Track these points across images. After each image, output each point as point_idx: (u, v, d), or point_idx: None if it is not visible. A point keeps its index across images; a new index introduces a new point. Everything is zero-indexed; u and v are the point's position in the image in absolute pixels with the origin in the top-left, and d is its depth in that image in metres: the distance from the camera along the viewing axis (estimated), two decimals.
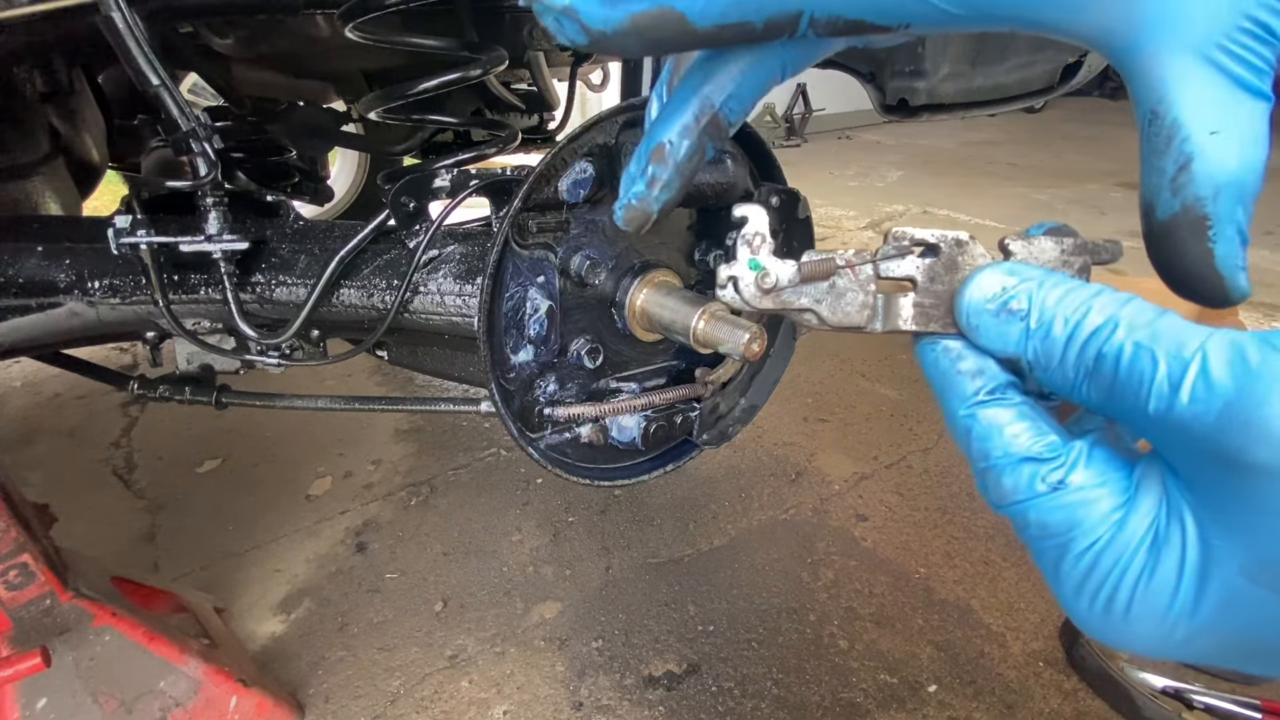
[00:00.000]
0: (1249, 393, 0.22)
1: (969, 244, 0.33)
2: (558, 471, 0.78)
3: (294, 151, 1.64)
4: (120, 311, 0.90)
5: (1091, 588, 0.27)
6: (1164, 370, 0.24)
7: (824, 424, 2.02)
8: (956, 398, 0.30)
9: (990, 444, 0.29)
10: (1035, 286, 0.29)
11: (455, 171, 0.81)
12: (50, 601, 0.94)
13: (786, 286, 0.33)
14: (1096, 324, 0.27)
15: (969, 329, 0.31)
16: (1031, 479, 0.28)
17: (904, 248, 0.33)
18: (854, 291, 0.34)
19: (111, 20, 0.71)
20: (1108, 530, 0.26)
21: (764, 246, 0.33)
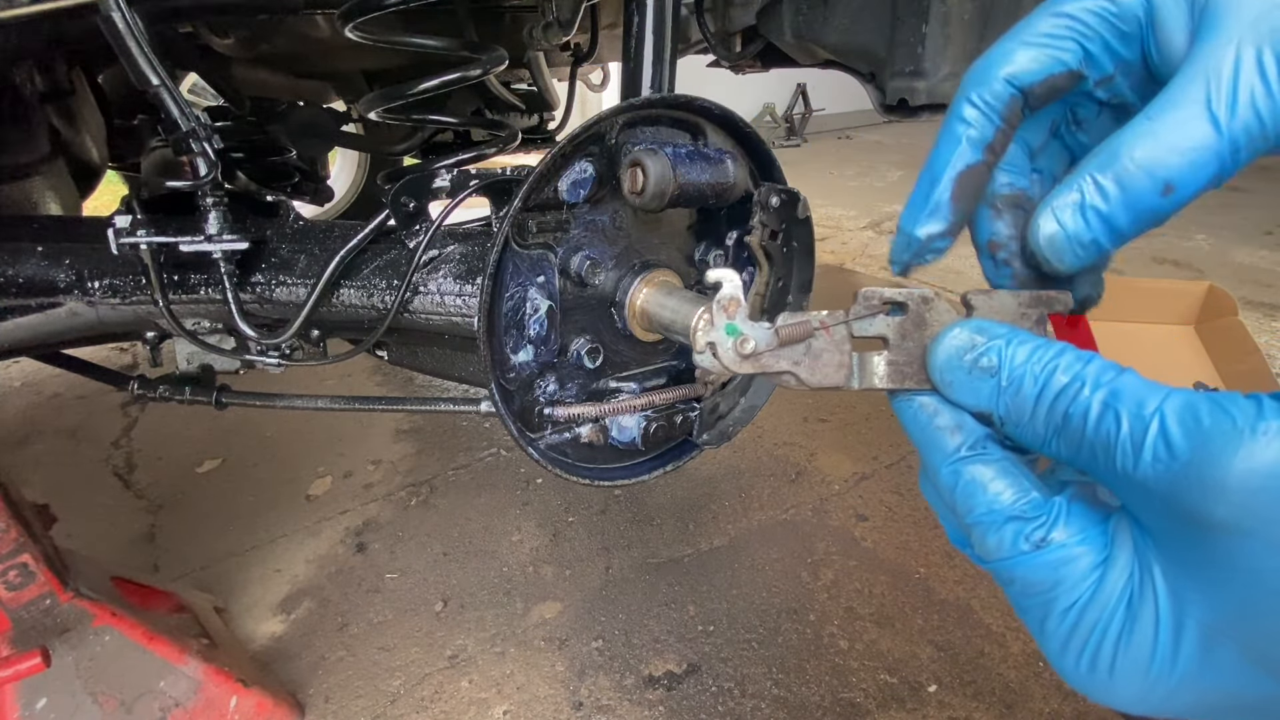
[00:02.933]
0: (1203, 453, 0.23)
1: (934, 300, 0.34)
2: (558, 471, 0.78)
3: (294, 151, 1.64)
4: (120, 311, 0.90)
5: (1076, 646, 0.27)
6: (1126, 429, 0.25)
7: (824, 424, 2.02)
8: (938, 453, 0.31)
9: (974, 500, 0.30)
10: (1004, 344, 0.29)
11: (455, 171, 0.81)
12: (50, 601, 0.94)
13: (765, 350, 0.34)
14: (1063, 383, 0.27)
15: (942, 385, 0.31)
16: (1016, 537, 0.28)
17: (874, 307, 0.34)
18: (830, 352, 0.35)
19: (111, 20, 0.71)
20: (1088, 588, 0.27)
21: (740, 311, 0.34)
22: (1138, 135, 0.27)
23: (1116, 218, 0.28)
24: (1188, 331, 2.13)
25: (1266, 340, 2.49)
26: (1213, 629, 0.24)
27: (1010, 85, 0.30)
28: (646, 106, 0.74)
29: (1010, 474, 0.30)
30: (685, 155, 0.70)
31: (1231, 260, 3.29)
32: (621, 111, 0.71)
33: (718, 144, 0.79)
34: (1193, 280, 2.43)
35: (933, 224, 0.32)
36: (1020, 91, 0.30)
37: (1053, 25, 0.30)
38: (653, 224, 0.81)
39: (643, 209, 0.71)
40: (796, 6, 1.17)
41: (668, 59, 0.96)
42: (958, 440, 0.31)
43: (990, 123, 0.31)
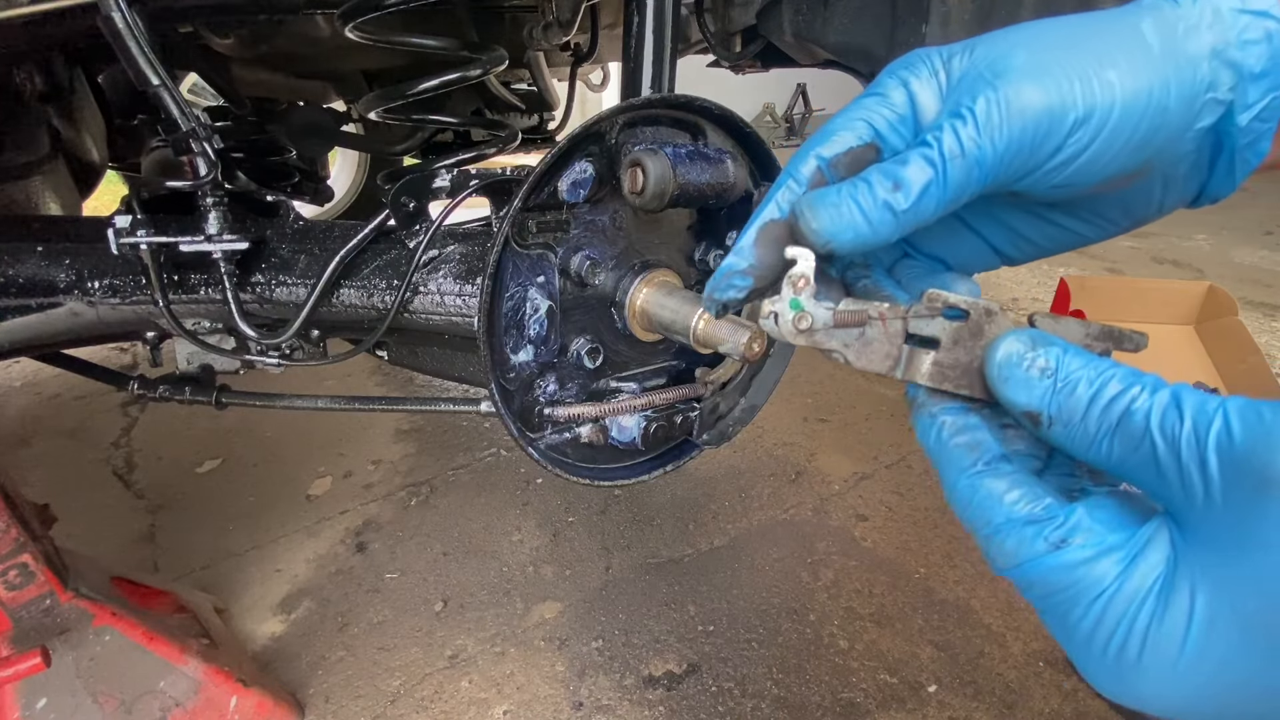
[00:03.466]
0: (1265, 435, 0.25)
1: (998, 315, 0.35)
2: (558, 471, 0.78)
3: (294, 151, 1.64)
4: (120, 311, 0.90)
5: (1102, 637, 0.28)
6: (1189, 425, 0.27)
7: (824, 424, 2.03)
8: (955, 468, 0.33)
9: (991, 510, 0.31)
10: (1061, 352, 0.32)
11: (455, 171, 0.81)
12: (50, 601, 0.94)
13: (820, 329, 0.36)
14: (1118, 389, 0.29)
15: (999, 380, 0.33)
16: (1034, 539, 0.30)
17: (935, 309, 0.35)
18: (881, 342, 0.36)
19: (111, 20, 0.71)
20: (1115, 579, 0.28)
21: (807, 290, 0.36)
22: (887, 161, 0.34)
23: (863, 200, 0.33)
24: (1188, 331, 2.13)
25: (1266, 340, 2.49)
26: (1250, 621, 0.25)
27: (820, 159, 0.36)
28: (646, 106, 0.74)
29: (1025, 484, 0.31)
30: (685, 155, 0.70)
31: (1231, 260, 3.29)
32: (621, 111, 0.71)
33: (718, 144, 0.79)
34: (1193, 280, 2.44)
35: (733, 260, 0.38)
36: (828, 164, 0.36)
37: (852, 113, 0.37)
38: (653, 224, 0.81)
39: (643, 209, 0.71)
40: (796, 6, 1.17)
41: (668, 59, 0.96)
42: (974, 455, 0.33)
43: (799, 188, 0.37)
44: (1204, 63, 0.33)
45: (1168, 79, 0.32)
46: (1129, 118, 0.32)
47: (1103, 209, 0.39)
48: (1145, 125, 0.33)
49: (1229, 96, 0.33)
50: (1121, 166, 0.34)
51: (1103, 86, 0.32)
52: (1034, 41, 0.34)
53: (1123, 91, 0.32)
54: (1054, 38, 0.34)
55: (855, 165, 0.36)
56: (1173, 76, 0.32)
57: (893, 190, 0.33)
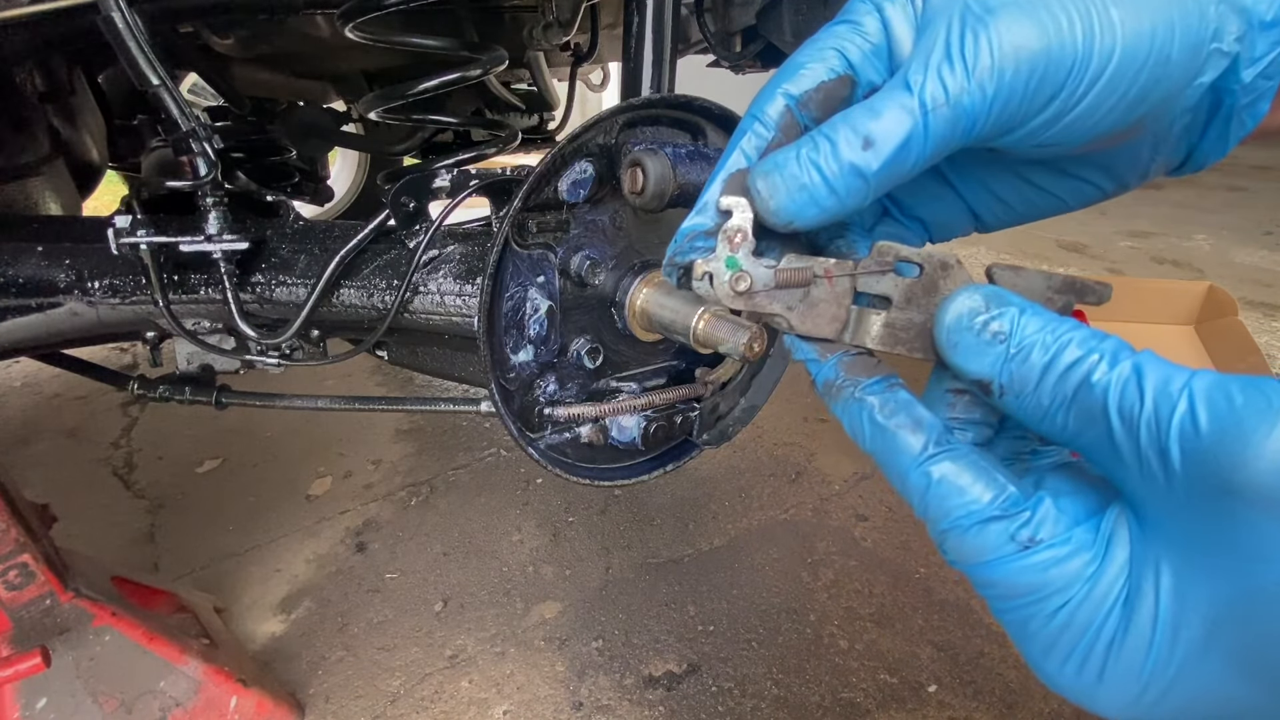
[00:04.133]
0: (1236, 430, 0.22)
1: (954, 268, 0.32)
2: (558, 472, 0.78)
3: (294, 151, 1.64)
4: (120, 311, 0.90)
5: (1063, 649, 0.27)
6: (1151, 405, 0.24)
7: (824, 424, 2.02)
8: (903, 456, 0.30)
9: (951, 503, 0.28)
10: (1017, 313, 0.29)
11: (455, 171, 0.81)
12: (50, 601, 0.94)
13: (760, 290, 0.32)
14: (1076, 356, 0.27)
15: (947, 345, 0.30)
16: (1000, 537, 0.27)
17: (886, 264, 0.32)
18: (827, 302, 0.33)
19: (111, 20, 0.71)
20: (1081, 588, 0.26)
21: (744, 245, 0.32)
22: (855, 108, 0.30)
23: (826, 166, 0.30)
24: (1188, 331, 2.13)
25: (1266, 340, 2.49)
26: (1213, 625, 0.24)
27: (787, 97, 0.32)
28: (646, 106, 0.74)
29: (982, 469, 0.29)
30: (685, 155, 0.70)
31: (1231, 260, 3.29)
32: (621, 111, 0.71)
33: (718, 144, 0.79)
34: (1193, 280, 2.44)
35: (696, 219, 0.33)
36: (797, 103, 0.32)
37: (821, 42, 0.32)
38: (653, 224, 0.81)
39: (643, 209, 0.71)
40: (796, 6, 1.17)
41: (668, 59, 0.96)
42: (920, 438, 0.29)
43: (767, 132, 0.32)
44: (1211, 6, 0.29)
45: (1173, 22, 0.29)
46: (1129, 65, 0.29)
47: (1086, 171, 0.36)
48: (1145, 76, 0.29)
49: (1235, 48, 0.30)
50: (1115, 122, 0.30)
51: (1104, 27, 0.28)
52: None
53: (1124, 34, 0.28)
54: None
55: (828, 103, 0.32)
56: (1178, 20, 0.29)
57: (862, 149, 0.29)
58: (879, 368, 0.32)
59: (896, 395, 0.31)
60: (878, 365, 0.32)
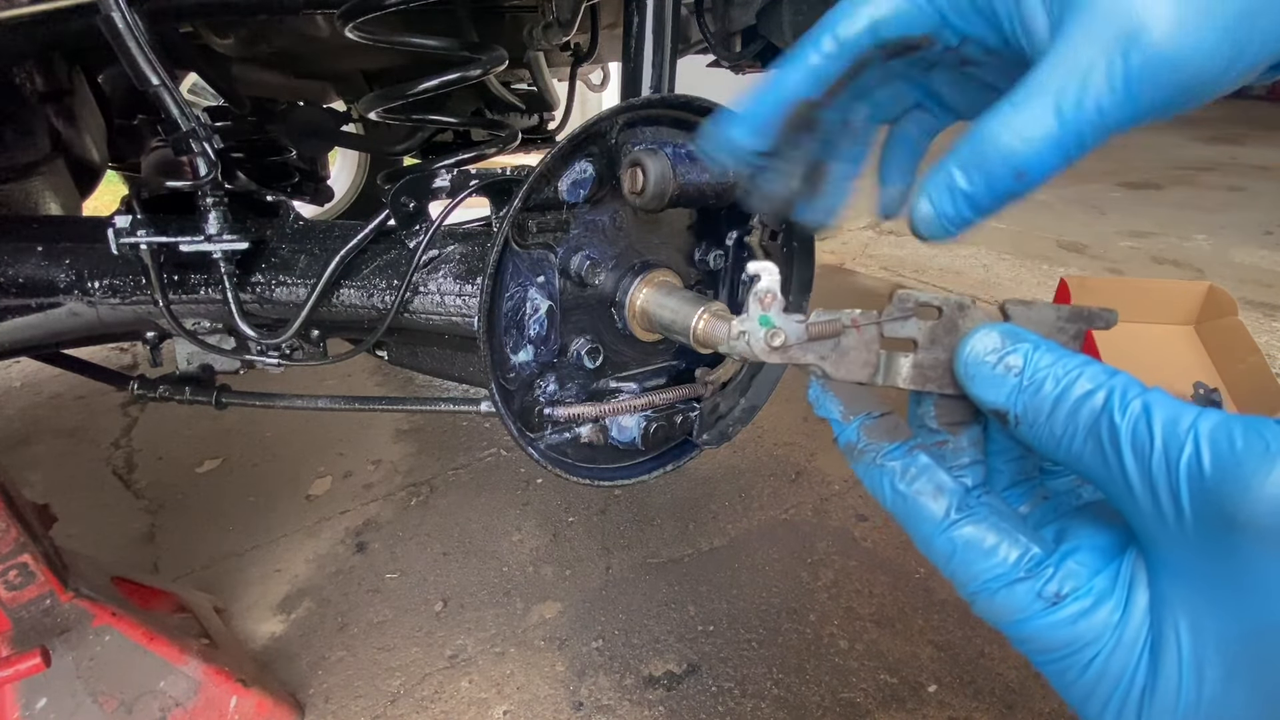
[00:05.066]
0: (1236, 469, 0.23)
1: (970, 308, 0.34)
2: (558, 471, 0.78)
3: (294, 151, 1.64)
4: (120, 311, 0.90)
5: (1101, 698, 0.28)
6: (1160, 444, 0.25)
7: (824, 424, 2.01)
8: (926, 522, 0.31)
9: (977, 567, 0.30)
10: (1030, 348, 0.30)
11: (455, 171, 0.81)
12: (50, 601, 0.94)
13: (794, 344, 0.35)
14: (1086, 389, 0.28)
15: (965, 378, 0.32)
16: (1028, 596, 0.29)
17: (907, 310, 0.34)
18: (858, 350, 0.35)
19: (111, 20, 0.71)
20: (1110, 637, 0.27)
21: (775, 304, 0.35)
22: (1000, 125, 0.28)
23: (979, 197, 0.29)
24: (1188, 331, 2.13)
25: (1266, 340, 2.49)
26: (1232, 661, 0.25)
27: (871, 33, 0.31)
28: (646, 106, 0.74)
29: (1004, 530, 0.30)
30: (685, 155, 0.70)
31: (1231, 260, 3.29)
32: (621, 111, 0.71)
33: None
34: (1193, 280, 2.44)
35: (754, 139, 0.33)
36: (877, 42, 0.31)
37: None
38: (653, 224, 0.81)
39: (643, 209, 0.71)
40: (796, 6, 1.17)
41: (668, 59, 0.96)
42: (942, 504, 0.31)
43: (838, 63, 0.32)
44: None
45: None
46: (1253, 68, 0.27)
47: None
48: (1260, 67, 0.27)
49: None
50: None
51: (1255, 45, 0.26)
52: None
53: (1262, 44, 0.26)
54: None
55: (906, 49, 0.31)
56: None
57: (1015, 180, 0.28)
58: (899, 431, 0.33)
59: (917, 461, 0.32)
60: (898, 428, 0.34)
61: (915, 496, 0.31)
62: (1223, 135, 6.24)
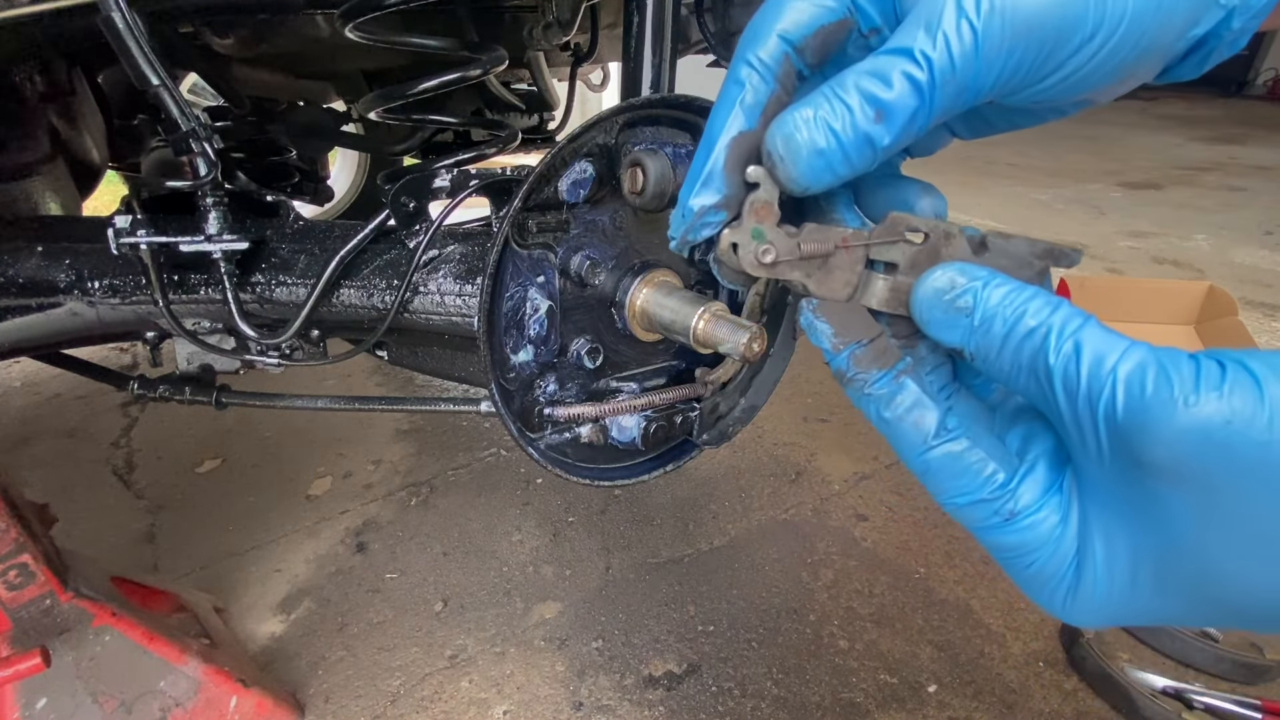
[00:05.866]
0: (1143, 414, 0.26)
1: (956, 237, 0.35)
2: (558, 471, 0.78)
3: (294, 151, 1.64)
4: (120, 311, 0.90)
5: (1040, 588, 0.33)
6: (1085, 385, 0.28)
7: (824, 424, 2.02)
8: (906, 445, 0.33)
9: (946, 485, 0.33)
10: (980, 287, 0.31)
11: (455, 171, 0.81)
12: (50, 601, 0.94)
13: (784, 260, 0.34)
14: (1030, 326, 0.30)
15: (922, 321, 0.33)
16: (988, 513, 0.32)
17: (898, 234, 0.34)
18: (842, 270, 0.35)
19: (111, 20, 0.71)
20: (1049, 548, 0.32)
21: (770, 217, 0.33)
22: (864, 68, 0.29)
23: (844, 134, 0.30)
24: (1188, 331, 2.13)
25: (1266, 340, 2.49)
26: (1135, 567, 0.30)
27: (784, 41, 0.31)
28: (646, 106, 0.74)
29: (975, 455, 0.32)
30: (685, 155, 0.70)
31: (1231, 260, 3.29)
32: (621, 111, 0.71)
33: None
34: (1193, 280, 2.44)
35: (705, 195, 0.33)
36: (794, 48, 0.31)
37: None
38: (653, 224, 0.81)
39: (643, 209, 0.71)
40: None
41: (668, 59, 0.96)
42: (921, 431, 0.33)
43: (765, 85, 0.31)
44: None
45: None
46: (1135, 31, 0.29)
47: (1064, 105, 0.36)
48: (1147, 39, 0.30)
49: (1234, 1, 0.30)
50: (1112, 79, 0.31)
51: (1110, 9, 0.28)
52: None
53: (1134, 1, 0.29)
54: None
55: (825, 47, 0.31)
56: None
57: (875, 121, 0.29)
58: (887, 356, 0.34)
59: (903, 388, 0.33)
60: (886, 353, 0.34)
61: (897, 423, 0.33)
62: (1223, 135, 6.24)
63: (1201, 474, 0.26)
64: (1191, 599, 0.29)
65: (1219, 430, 0.25)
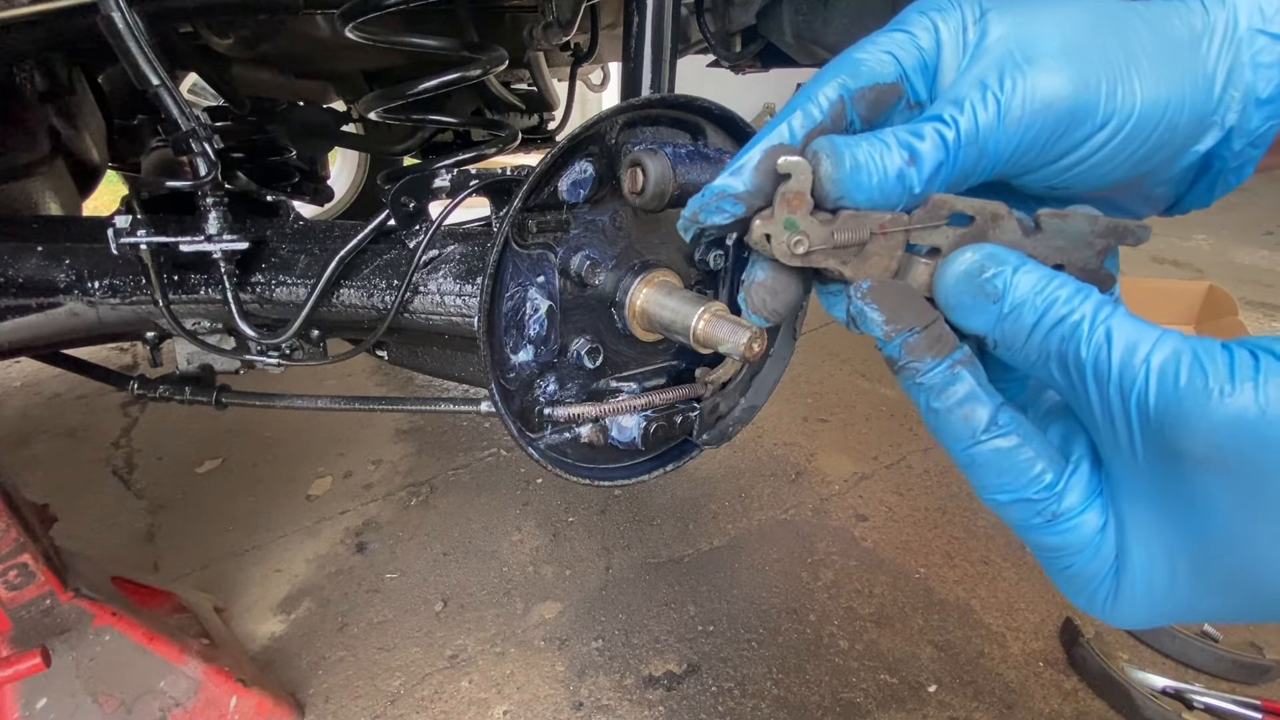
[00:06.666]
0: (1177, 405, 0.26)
1: (1005, 218, 0.34)
2: (558, 471, 0.78)
3: (294, 151, 1.64)
4: (120, 311, 0.90)
5: (1079, 591, 0.33)
6: (1116, 375, 0.28)
7: (824, 424, 2.02)
8: (953, 437, 0.33)
9: (990, 481, 0.32)
10: (1010, 272, 0.31)
11: (455, 171, 0.81)
12: (50, 601, 0.94)
13: (817, 250, 0.33)
14: (1060, 314, 0.30)
15: (946, 306, 0.33)
16: (1028, 514, 0.32)
17: (940, 217, 0.33)
18: (879, 256, 0.34)
19: (111, 20, 0.71)
20: (1090, 551, 0.32)
21: (803, 207, 0.33)
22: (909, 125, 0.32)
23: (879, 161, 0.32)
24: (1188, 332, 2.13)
25: None
26: (1173, 565, 0.30)
27: (845, 89, 0.34)
28: (646, 106, 0.74)
29: (1023, 452, 0.32)
30: (685, 155, 0.70)
31: (1231, 260, 3.29)
32: (621, 111, 0.71)
33: (718, 144, 0.79)
34: (1193, 280, 2.44)
35: (730, 180, 0.34)
36: (850, 96, 0.34)
37: (880, 44, 0.34)
38: (653, 224, 0.81)
39: (643, 209, 0.71)
40: (796, 7, 1.17)
41: (668, 59, 0.96)
42: (970, 427, 0.32)
43: (817, 114, 0.34)
44: (1218, 82, 0.32)
45: (1184, 95, 0.32)
46: (1141, 130, 0.32)
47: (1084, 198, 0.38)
48: (1153, 140, 0.32)
49: (1234, 121, 0.33)
50: (1120, 177, 0.34)
51: (1127, 93, 0.31)
52: (1070, 22, 0.32)
53: (1143, 101, 0.31)
54: (1090, 21, 0.32)
55: (877, 106, 0.34)
56: (1189, 94, 0.32)
57: (907, 163, 0.32)
58: (942, 344, 0.33)
59: (957, 378, 0.32)
60: (941, 340, 0.33)
61: (947, 414, 0.32)
62: None
63: (1239, 464, 0.25)
64: (1232, 594, 0.29)
65: (1256, 420, 0.25)
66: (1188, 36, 0.32)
